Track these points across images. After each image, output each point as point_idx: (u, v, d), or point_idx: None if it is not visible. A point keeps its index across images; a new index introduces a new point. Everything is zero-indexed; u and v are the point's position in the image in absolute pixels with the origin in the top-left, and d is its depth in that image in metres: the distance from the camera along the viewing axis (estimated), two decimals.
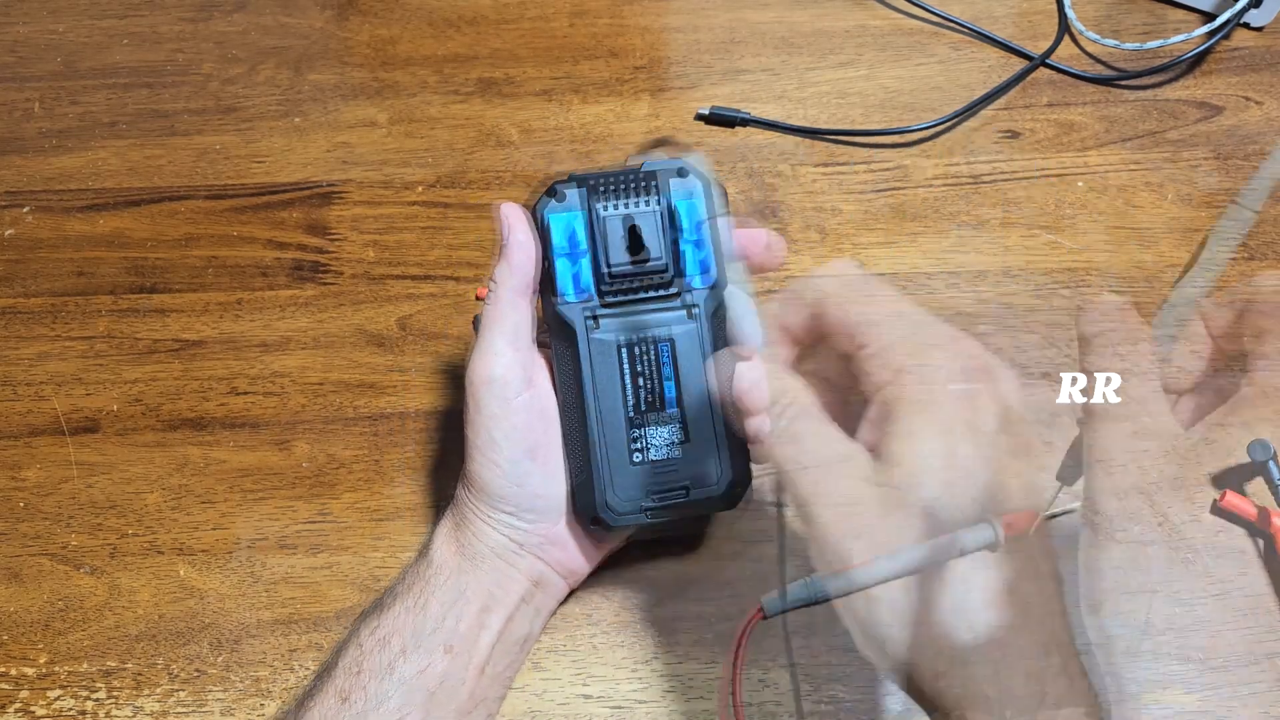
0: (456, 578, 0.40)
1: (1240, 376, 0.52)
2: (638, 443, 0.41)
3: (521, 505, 0.40)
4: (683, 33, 0.69)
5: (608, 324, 0.40)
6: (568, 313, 0.40)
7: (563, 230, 0.40)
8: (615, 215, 0.40)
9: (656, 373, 0.40)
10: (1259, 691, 0.43)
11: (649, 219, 0.40)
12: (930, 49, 0.67)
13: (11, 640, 0.45)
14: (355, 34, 0.70)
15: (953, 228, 0.58)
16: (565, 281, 0.40)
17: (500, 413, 0.39)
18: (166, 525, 0.49)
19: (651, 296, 0.40)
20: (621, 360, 0.40)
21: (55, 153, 0.63)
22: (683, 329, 0.41)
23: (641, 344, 0.40)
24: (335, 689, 0.38)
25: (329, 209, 0.60)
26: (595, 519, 0.40)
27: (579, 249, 0.40)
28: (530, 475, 0.40)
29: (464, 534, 0.41)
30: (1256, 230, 0.57)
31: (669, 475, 0.41)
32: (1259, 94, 0.64)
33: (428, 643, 0.39)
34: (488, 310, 0.40)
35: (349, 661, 0.39)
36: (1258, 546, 0.47)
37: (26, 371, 0.54)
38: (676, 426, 0.41)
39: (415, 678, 0.38)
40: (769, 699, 0.43)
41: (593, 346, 0.40)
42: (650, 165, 0.41)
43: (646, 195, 0.40)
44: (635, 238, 0.40)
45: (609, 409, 0.40)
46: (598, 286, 0.40)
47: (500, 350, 0.39)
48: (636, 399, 0.40)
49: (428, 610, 0.39)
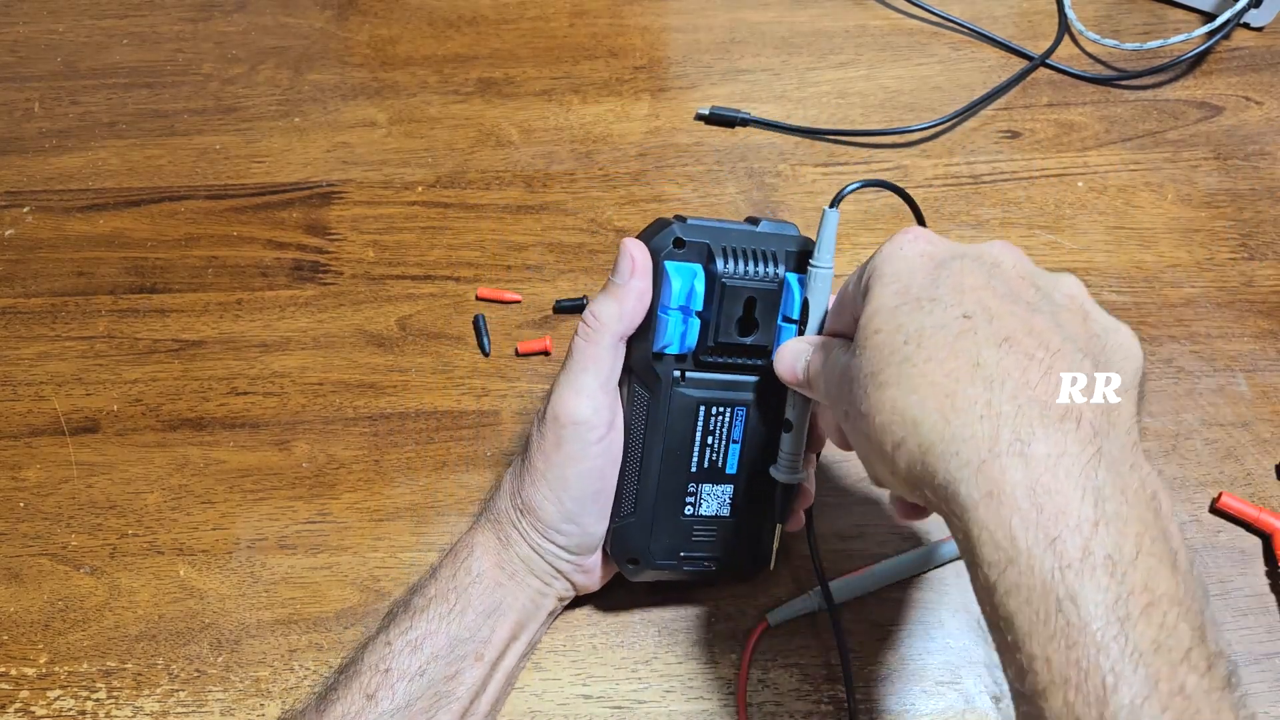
0: (495, 591, 0.40)
1: (1239, 375, 0.52)
2: (692, 498, 0.41)
3: (572, 540, 0.41)
4: (683, 33, 0.69)
5: (691, 379, 0.40)
6: (661, 367, 0.39)
7: (683, 285, 0.38)
8: (737, 285, 0.38)
9: (726, 435, 0.41)
10: (1259, 691, 0.43)
11: (767, 299, 0.39)
12: (930, 49, 0.67)
13: (11, 640, 0.45)
14: (355, 34, 0.70)
15: (953, 228, 0.58)
16: (672, 336, 0.39)
17: (578, 454, 0.39)
18: (166, 525, 0.49)
19: (740, 364, 0.40)
20: (698, 418, 0.40)
21: (55, 153, 0.63)
22: (756, 395, 0.41)
23: (720, 405, 0.40)
24: (361, 687, 0.38)
25: (329, 209, 0.60)
26: (633, 559, 0.41)
27: (692, 308, 0.39)
28: (587, 515, 0.40)
29: (507, 553, 0.41)
30: (1256, 230, 0.57)
31: (707, 540, 0.42)
32: (1259, 94, 0.64)
33: (460, 650, 0.39)
34: (585, 348, 0.39)
35: (376, 660, 0.39)
36: (1258, 546, 0.47)
37: (26, 371, 0.54)
38: (728, 495, 0.42)
39: (444, 683, 0.38)
40: (769, 699, 0.43)
41: (674, 401, 0.40)
42: (767, 225, 0.40)
43: (766, 265, 0.39)
44: (749, 315, 0.39)
45: (675, 463, 0.41)
46: (698, 349, 0.39)
47: (592, 392, 0.39)
48: (702, 457, 0.41)
49: (464, 619, 0.39)
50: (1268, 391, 0.51)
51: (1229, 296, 0.55)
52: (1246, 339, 0.53)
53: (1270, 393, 0.51)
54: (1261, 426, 0.50)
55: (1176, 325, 0.54)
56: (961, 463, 0.27)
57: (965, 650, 0.44)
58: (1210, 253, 0.57)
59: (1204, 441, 0.50)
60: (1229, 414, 0.50)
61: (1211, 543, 0.47)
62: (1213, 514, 0.47)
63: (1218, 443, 0.50)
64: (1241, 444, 0.49)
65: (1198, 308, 0.54)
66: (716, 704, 0.43)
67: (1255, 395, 0.51)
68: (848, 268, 0.56)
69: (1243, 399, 0.51)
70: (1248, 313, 0.54)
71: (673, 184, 0.60)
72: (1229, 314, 0.54)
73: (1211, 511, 0.47)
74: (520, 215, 0.59)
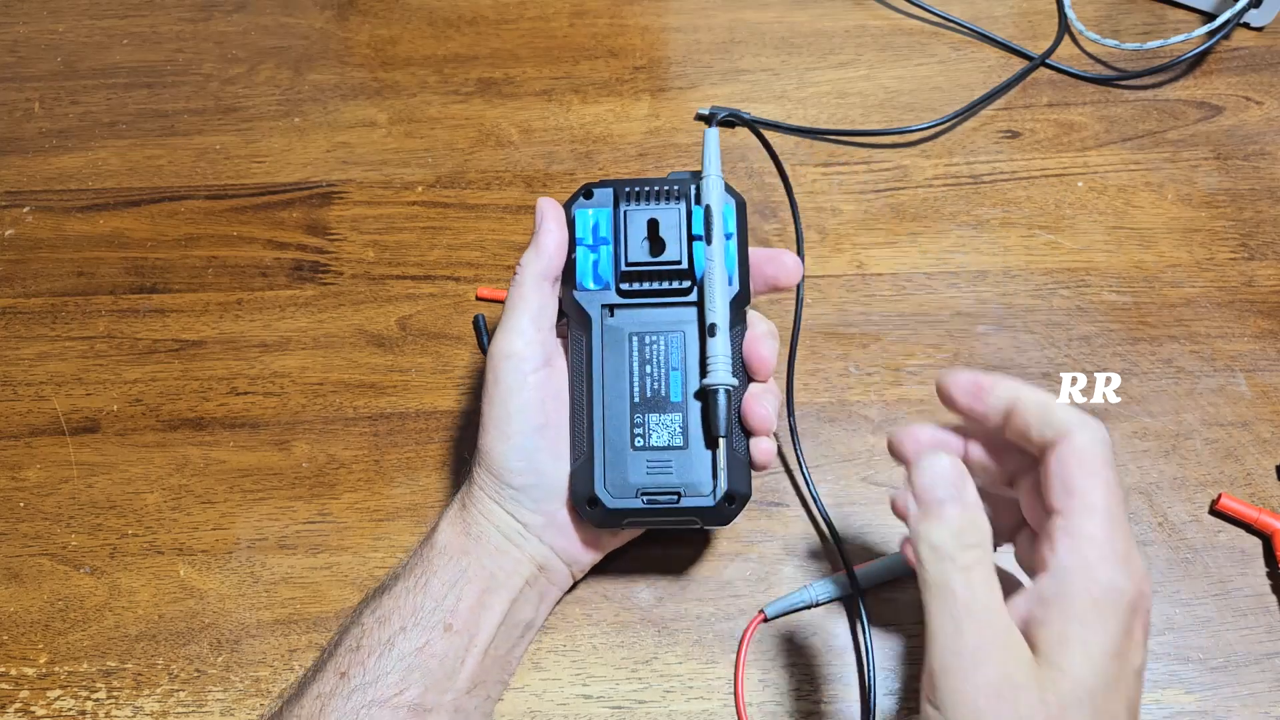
0: (459, 558, 0.41)
1: (1239, 375, 0.52)
2: (639, 429, 0.41)
3: (529, 481, 0.41)
4: (683, 33, 0.69)
5: (622, 315, 0.42)
6: (584, 300, 0.42)
7: (587, 223, 0.42)
8: (638, 211, 0.42)
9: (665, 363, 0.41)
10: (1259, 691, 0.43)
11: (671, 217, 0.41)
12: (930, 49, 0.67)
13: (11, 640, 0.45)
14: (355, 34, 0.70)
15: (953, 228, 0.58)
16: (584, 270, 0.42)
17: (515, 386, 0.40)
18: (166, 525, 0.49)
19: (668, 290, 0.41)
20: (631, 348, 0.41)
21: (55, 153, 0.63)
22: (694, 326, 0.41)
23: (652, 334, 0.41)
24: (335, 667, 0.38)
25: (329, 209, 0.60)
26: (592, 499, 0.40)
27: (601, 239, 0.42)
28: (539, 451, 0.41)
29: (470, 514, 0.41)
30: (1256, 230, 0.57)
31: (665, 472, 0.41)
32: (1259, 94, 0.64)
33: (427, 620, 0.39)
34: (512, 292, 0.41)
35: (350, 640, 0.39)
36: (1258, 547, 0.47)
37: (26, 371, 0.54)
38: (678, 424, 0.41)
39: (414, 654, 0.38)
40: (769, 699, 0.43)
41: (605, 334, 0.41)
42: (678, 175, 0.43)
43: (672, 199, 0.42)
44: (655, 234, 0.41)
45: (615, 395, 0.41)
46: (615, 278, 0.41)
47: (522, 329, 0.41)
48: (643, 387, 0.41)
49: (429, 589, 0.40)
50: (1268, 391, 0.51)
51: (1229, 296, 0.55)
52: (1246, 339, 0.53)
53: (1270, 393, 0.51)
54: (1261, 426, 0.50)
55: (1176, 325, 0.54)
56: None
57: None
58: (1210, 253, 0.57)
59: (1204, 441, 0.50)
60: (1229, 414, 0.50)
61: (1211, 543, 0.47)
62: (1212, 515, 0.47)
63: (1218, 443, 0.50)
64: (1241, 444, 0.49)
65: (1198, 308, 0.54)
66: (716, 704, 0.43)
67: (1255, 395, 0.51)
68: (847, 267, 0.56)
69: (1243, 399, 0.51)
70: (1248, 313, 0.54)
71: None
72: (1229, 314, 0.54)
73: (1211, 513, 0.47)
74: (520, 215, 0.59)
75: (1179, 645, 0.44)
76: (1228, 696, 0.43)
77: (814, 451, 0.50)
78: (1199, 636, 0.44)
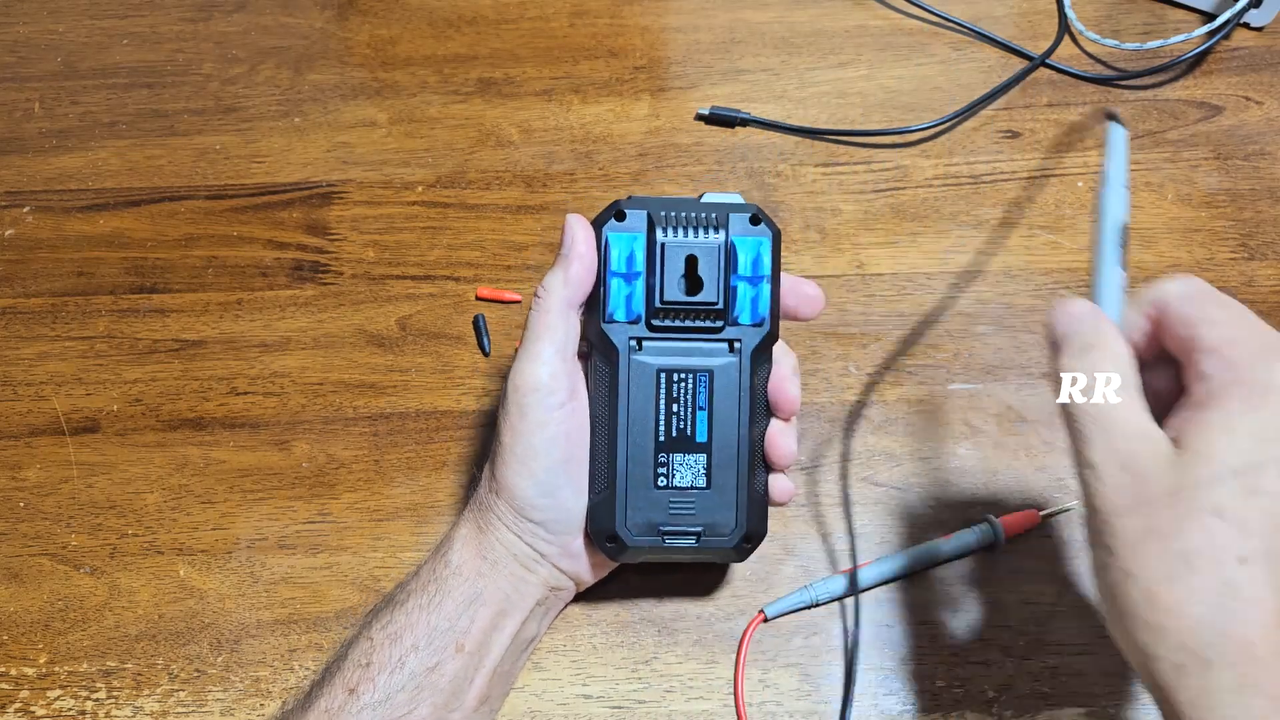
0: (475, 580, 0.40)
1: None
2: (663, 468, 0.41)
3: (550, 516, 0.40)
4: (683, 33, 0.69)
5: (650, 348, 0.40)
6: (613, 333, 0.40)
7: (622, 251, 0.40)
8: (676, 245, 0.40)
9: (691, 402, 0.40)
10: None
11: (709, 254, 0.40)
12: (930, 49, 0.67)
13: (11, 640, 0.45)
14: (355, 34, 0.70)
15: (953, 228, 0.58)
16: (617, 302, 0.40)
17: (542, 420, 0.39)
18: (166, 525, 0.49)
19: (699, 328, 0.40)
20: (659, 385, 0.40)
21: (55, 153, 0.63)
22: (722, 362, 0.40)
23: (680, 372, 0.40)
24: (343, 681, 0.38)
25: (329, 209, 0.60)
26: (612, 536, 0.40)
27: (635, 272, 0.40)
28: (561, 488, 0.40)
29: (487, 539, 0.41)
30: (1256, 230, 0.57)
31: (687, 513, 0.41)
32: (1259, 94, 0.64)
33: (440, 640, 0.39)
34: (537, 318, 0.39)
35: (358, 655, 0.38)
36: None
37: (26, 371, 0.54)
38: (702, 464, 0.41)
39: (425, 674, 0.38)
40: (769, 699, 0.43)
41: (633, 368, 0.40)
42: (712, 198, 0.41)
43: (709, 229, 0.40)
44: (693, 271, 0.40)
45: (640, 431, 0.40)
46: (647, 312, 0.40)
47: (548, 359, 0.39)
48: (668, 426, 0.40)
49: (442, 609, 0.39)
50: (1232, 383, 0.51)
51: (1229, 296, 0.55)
52: None
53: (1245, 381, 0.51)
54: None
55: None
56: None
57: (965, 650, 0.44)
58: (1210, 253, 0.57)
59: None
60: None
61: None
62: None
63: None
64: None
65: None
66: (716, 704, 0.43)
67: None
68: (847, 267, 0.56)
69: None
70: None
71: (673, 184, 0.60)
72: None
73: None
74: (520, 215, 0.59)
75: None
76: None
77: (814, 451, 0.50)
78: None
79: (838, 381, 0.52)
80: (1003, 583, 0.46)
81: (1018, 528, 0.47)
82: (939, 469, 0.49)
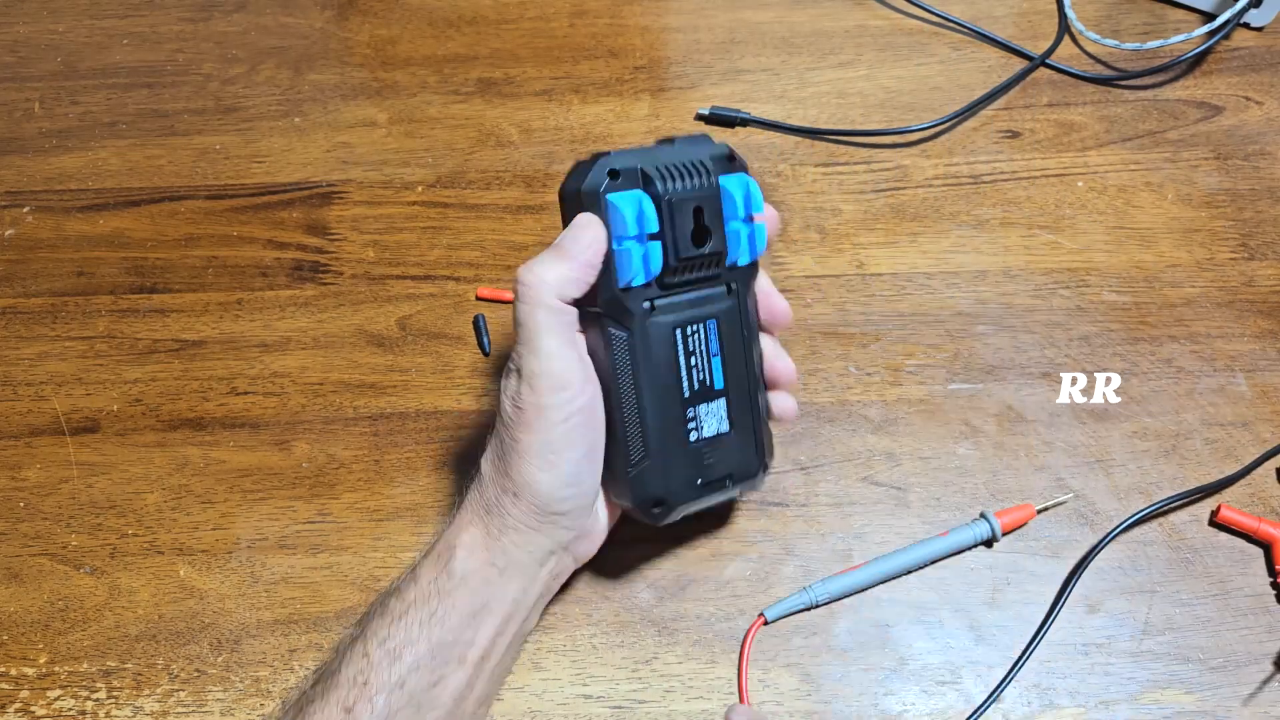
0: (481, 589, 0.39)
1: (1239, 375, 0.52)
2: (693, 423, 0.40)
3: (574, 506, 0.40)
4: (683, 33, 0.69)
5: (662, 306, 0.39)
6: (630, 300, 0.38)
7: (633, 212, 0.37)
8: (684, 200, 0.38)
9: (706, 351, 0.40)
10: (1259, 692, 0.43)
11: (710, 202, 0.39)
12: (930, 49, 0.67)
13: (11, 640, 0.45)
14: (355, 34, 0.70)
15: (953, 228, 0.58)
16: (636, 267, 0.38)
17: (565, 416, 0.38)
18: (166, 525, 0.49)
19: (703, 277, 0.40)
20: (677, 342, 0.40)
21: (55, 153, 0.63)
22: (724, 306, 0.40)
23: (693, 324, 0.40)
24: (339, 699, 0.36)
25: (329, 209, 0.60)
26: (659, 501, 0.40)
27: (649, 232, 0.38)
28: (585, 475, 0.39)
29: (498, 544, 0.39)
30: (1256, 230, 0.57)
31: (716, 459, 0.41)
32: (1259, 94, 0.64)
33: (443, 655, 0.37)
34: (534, 313, 0.38)
35: (354, 673, 0.37)
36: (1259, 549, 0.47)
37: (26, 371, 0.54)
38: (723, 409, 0.41)
39: (426, 691, 0.37)
40: (769, 699, 0.43)
41: (652, 332, 0.39)
42: (682, 142, 0.40)
43: (699, 177, 0.39)
44: (700, 222, 0.39)
45: (667, 392, 0.40)
46: (664, 271, 0.39)
47: (562, 354, 0.38)
48: (690, 380, 0.40)
49: (445, 623, 0.38)
50: (1268, 391, 0.51)
51: (1229, 296, 0.55)
52: (1246, 339, 0.53)
53: (1270, 393, 0.51)
54: (1261, 426, 0.50)
55: (1176, 325, 0.54)
56: None
57: (965, 650, 0.44)
58: (1210, 253, 0.57)
59: (1204, 441, 0.50)
60: (1229, 414, 0.50)
61: (1212, 543, 0.47)
62: (1212, 526, 0.47)
63: (1218, 443, 0.50)
64: (1241, 444, 0.49)
65: (1198, 308, 0.54)
66: (717, 704, 0.43)
67: (1255, 395, 0.51)
68: (847, 267, 0.56)
69: (1243, 399, 0.51)
70: (1248, 313, 0.54)
71: None
72: (1229, 314, 0.54)
73: (1211, 524, 0.47)
74: (520, 215, 0.59)
75: (1179, 645, 0.44)
76: (1228, 696, 0.43)
77: (814, 451, 0.50)
78: (1199, 636, 0.44)
79: (838, 381, 0.52)
80: (1000, 579, 0.46)
81: (1014, 523, 0.47)
82: (939, 469, 0.49)
